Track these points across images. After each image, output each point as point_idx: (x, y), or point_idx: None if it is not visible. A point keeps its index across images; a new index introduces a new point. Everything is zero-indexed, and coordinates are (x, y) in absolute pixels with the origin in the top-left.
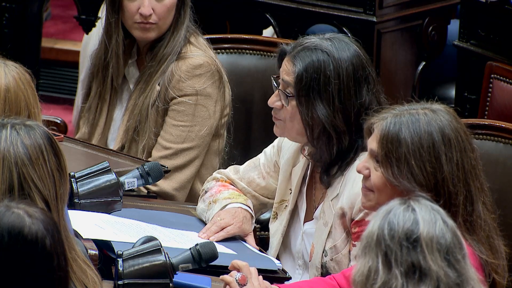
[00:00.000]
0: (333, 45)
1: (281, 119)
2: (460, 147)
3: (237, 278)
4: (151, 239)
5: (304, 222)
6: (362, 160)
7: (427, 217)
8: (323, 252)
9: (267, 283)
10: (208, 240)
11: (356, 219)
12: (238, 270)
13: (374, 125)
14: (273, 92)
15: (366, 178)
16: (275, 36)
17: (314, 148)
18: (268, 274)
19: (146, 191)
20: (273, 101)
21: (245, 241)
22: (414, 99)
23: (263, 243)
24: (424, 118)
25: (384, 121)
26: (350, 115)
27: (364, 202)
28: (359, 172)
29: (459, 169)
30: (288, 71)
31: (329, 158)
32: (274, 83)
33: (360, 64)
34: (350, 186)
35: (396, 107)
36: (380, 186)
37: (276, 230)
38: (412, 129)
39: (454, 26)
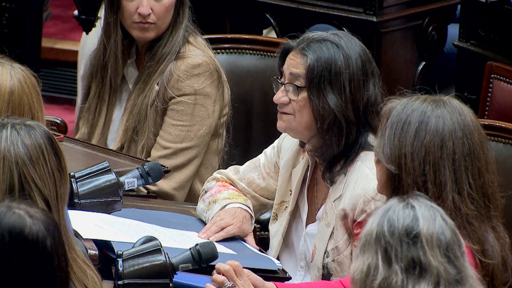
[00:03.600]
0: (340, 39)
1: (290, 113)
2: (441, 137)
3: None
4: (151, 239)
5: (307, 224)
6: (363, 160)
7: (427, 214)
8: (325, 253)
9: (259, 278)
10: (208, 240)
11: (358, 220)
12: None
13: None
14: (273, 92)
15: None
16: (275, 36)
17: (320, 142)
18: (268, 274)
19: (146, 191)
20: (279, 96)
21: (245, 241)
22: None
23: (263, 243)
24: (422, 104)
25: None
26: (360, 106)
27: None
28: None
29: (428, 153)
30: (296, 63)
31: (336, 151)
32: (278, 81)
33: (367, 57)
34: (352, 187)
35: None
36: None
37: (276, 231)
38: (403, 107)
39: (453, 30)
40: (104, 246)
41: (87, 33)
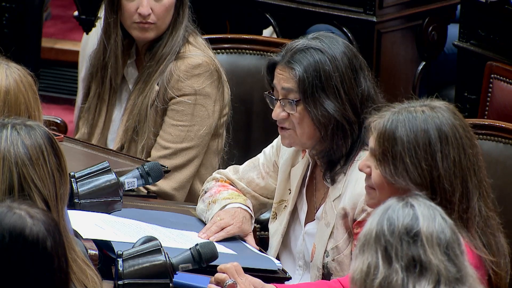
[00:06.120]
0: (322, 42)
1: (290, 128)
2: (457, 143)
3: (226, 285)
4: (151, 239)
5: (306, 223)
6: (363, 158)
7: (426, 213)
8: (324, 252)
9: (259, 280)
10: (208, 240)
11: (358, 220)
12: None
13: (373, 124)
14: None
15: (368, 176)
16: (275, 36)
17: (326, 146)
18: (268, 274)
19: (146, 191)
20: (277, 113)
21: (245, 241)
22: (414, 98)
23: (263, 243)
24: (421, 116)
25: (382, 119)
26: (357, 104)
27: (368, 200)
28: (360, 170)
29: (456, 166)
30: (286, 77)
31: (344, 152)
32: (272, 97)
33: (352, 53)
34: (352, 186)
35: (395, 105)
36: (380, 184)
37: (275, 230)
38: (408, 127)
39: (454, 30)
40: (104, 246)
41: (87, 33)
